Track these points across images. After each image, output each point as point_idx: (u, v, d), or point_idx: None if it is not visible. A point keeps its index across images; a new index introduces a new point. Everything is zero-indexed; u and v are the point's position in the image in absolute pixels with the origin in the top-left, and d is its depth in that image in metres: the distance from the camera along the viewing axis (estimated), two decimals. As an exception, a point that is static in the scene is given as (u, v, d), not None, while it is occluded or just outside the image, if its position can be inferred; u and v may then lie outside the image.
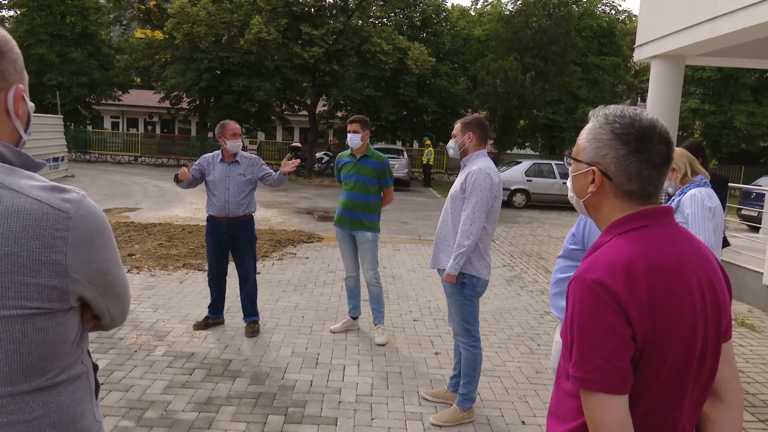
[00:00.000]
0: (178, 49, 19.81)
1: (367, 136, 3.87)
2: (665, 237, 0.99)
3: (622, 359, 0.92)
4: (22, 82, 0.87)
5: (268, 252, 6.62)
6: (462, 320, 2.83)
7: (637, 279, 0.93)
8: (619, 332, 0.91)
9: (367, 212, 3.88)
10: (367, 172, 3.86)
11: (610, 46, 22.79)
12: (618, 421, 0.91)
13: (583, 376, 0.93)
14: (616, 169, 1.01)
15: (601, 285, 0.93)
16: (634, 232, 0.99)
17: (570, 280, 1.00)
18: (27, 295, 0.77)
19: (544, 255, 7.67)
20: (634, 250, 0.96)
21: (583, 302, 0.94)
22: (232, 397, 3.00)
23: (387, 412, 2.93)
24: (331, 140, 27.63)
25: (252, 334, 3.93)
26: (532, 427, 2.86)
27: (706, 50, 5.90)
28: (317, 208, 11.25)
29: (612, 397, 0.92)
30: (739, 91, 20.46)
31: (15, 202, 0.77)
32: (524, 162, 14.39)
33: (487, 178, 2.71)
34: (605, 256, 0.97)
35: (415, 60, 16.27)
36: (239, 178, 3.81)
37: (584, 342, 0.93)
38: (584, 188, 1.07)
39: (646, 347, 0.93)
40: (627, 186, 1.01)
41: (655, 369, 0.94)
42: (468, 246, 2.69)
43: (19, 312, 0.77)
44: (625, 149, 1.00)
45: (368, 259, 3.93)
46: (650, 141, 1.00)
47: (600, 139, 1.03)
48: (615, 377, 0.91)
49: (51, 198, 0.80)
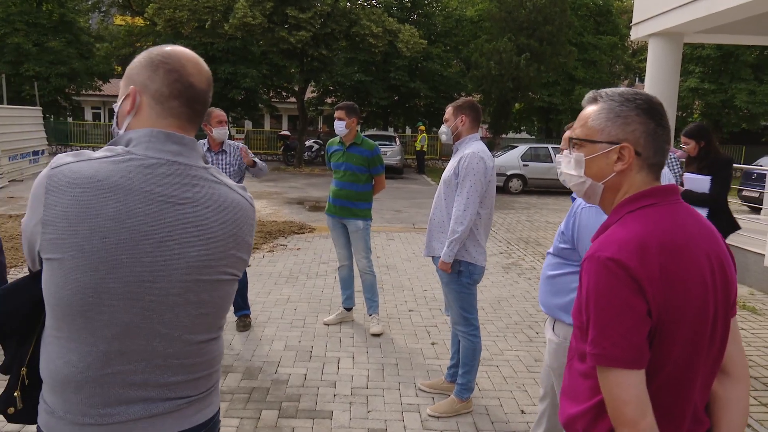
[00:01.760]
0: (160, 35, 19.31)
1: (354, 123, 3.76)
2: (673, 214, 1.01)
3: (639, 334, 0.93)
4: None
5: (258, 244, 6.51)
6: (460, 309, 2.77)
7: (650, 256, 0.94)
8: (635, 308, 0.93)
9: (357, 201, 3.81)
10: (356, 160, 3.77)
11: (607, 24, 22.49)
12: (636, 396, 0.92)
13: (600, 352, 0.94)
14: (646, 143, 1.03)
15: (615, 262, 0.94)
16: (643, 210, 1.01)
17: (582, 261, 1.01)
18: (235, 265, 1.05)
19: (542, 241, 7.61)
20: (645, 227, 0.97)
21: (599, 280, 0.95)
22: (224, 393, 2.93)
23: (383, 405, 2.87)
24: (320, 128, 27.34)
25: (243, 328, 3.85)
26: (531, 415, 2.81)
27: (704, 27, 5.78)
28: (308, 198, 11.11)
29: (630, 372, 0.93)
30: (739, 69, 20.26)
31: (234, 196, 1.04)
32: (520, 146, 14.26)
33: (480, 162, 2.63)
34: (617, 235, 0.98)
35: (406, 43, 16.02)
36: (227, 169, 3.70)
37: (601, 319, 0.94)
38: (605, 169, 1.06)
39: (660, 324, 0.95)
40: (653, 159, 1.04)
41: (669, 345, 0.96)
42: (462, 232, 2.62)
43: (229, 277, 1.04)
44: (653, 123, 1.03)
45: (361, 248, 3.87)
46: (664, 116, 1.04)
47: (625, 115, 1.03)
48: (632, 352, 0.93)
49: (245, 195, 1.08)
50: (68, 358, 0.93)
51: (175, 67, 0.99)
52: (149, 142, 0.97)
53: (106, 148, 0.98)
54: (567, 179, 1.13)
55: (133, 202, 0.92)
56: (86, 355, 0.93)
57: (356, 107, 3.84)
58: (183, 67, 1.00)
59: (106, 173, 0.92)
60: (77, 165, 0.92)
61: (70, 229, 0.90)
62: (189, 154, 1.00)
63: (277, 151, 21.04)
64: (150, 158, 0.96)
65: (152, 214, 0.93)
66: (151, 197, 0.93)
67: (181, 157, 0.99)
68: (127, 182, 0.92)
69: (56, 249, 0.90)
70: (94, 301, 0.91)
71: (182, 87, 0.99)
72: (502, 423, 2.75)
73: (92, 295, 0.91)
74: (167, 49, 1.02)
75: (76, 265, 0.90)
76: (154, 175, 0.95)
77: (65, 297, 0.91)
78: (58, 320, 0.93)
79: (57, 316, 0.93)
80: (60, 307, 0.92)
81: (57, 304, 0.92)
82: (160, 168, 0.96)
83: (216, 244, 0.99)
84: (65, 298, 0.91)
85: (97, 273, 0.90)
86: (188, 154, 1.00)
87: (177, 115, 1.01)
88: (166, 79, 0.99)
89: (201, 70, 1.03)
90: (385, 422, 2.70)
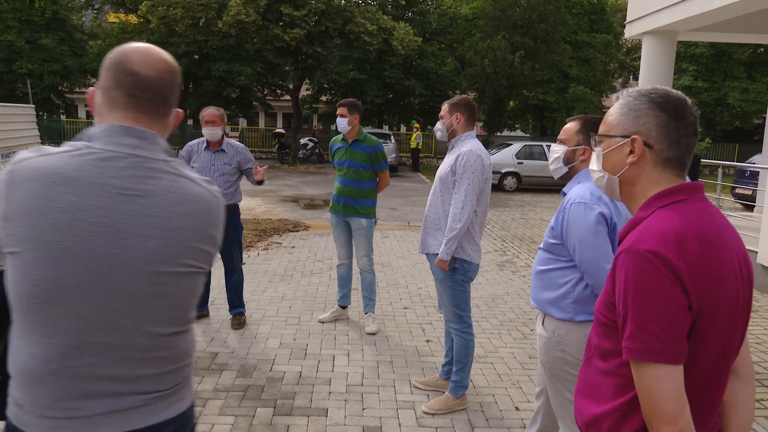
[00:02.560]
0: (153, 33, 19.16)
1: (356, 120, 3.75)
2: (703, 210, 1.00)
3: (680, 328, 0.91)
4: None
5: (252, 242, 6.48)
6: (453, 306, 2.77)
7: (689, 249, 0.93)
8: (676, 301, 0.91)
9: (360, 198, 3.80)
10: (359, 157, 3.76)
11: (601, 23, 22.55)
12: (676, 391, 0.91)
13: (640, 347, 0.92)
14: (658, 135, 1.03)
15: (655, 254, 0.92)
16: (675, 205, 1.00)
17: (617, 254, 0.99)
18: (200, 258, 1.02)
19: (536, 239, 7.63)
20: (680, 220, 0.96)
21: (638, 273, 0.93)
22: (219, 391, 2.92)
23: (378, 402, 2.87)
24: (315, 126, 27.23)
25: (238, 326, 3.83)
26: (526, 412, 2.82)
27: (698, 25, 5.81)
28: (303, 196, 11.08)
29: (670, 367, 0.91)
30: (732, 67, 20.37)
31: (196, 189, 1.02)
32: (515, 144, 14.27)
33: (478, 159, 2.63)
34: (653, 227, 0.96)
35: (400, 40, 15.99)
36: (224, 168, 3.71)
37: (641, 313, 0.92)
38: (620, 163, 1.07)
39: (698, 318, 0.93)
40: (668, 153, 1.03)
41: (704, 340, 0.94)
42: (459, 230, 2.62)
43: (194, 270, 1.02)
44: (665, 116, 1.02)
45: (362, 246, 3.87)
46: (685, 110, 1.02)
47: (638, 109, 1.04)
48: (674, 346, 0.91)
49: (211, 189, 1.06)
50: (32, 352, 0.93)
51: (118, 59, 0.99)
52: (109, 136, 0.97)
53: (67, 143, 0.98)
54: (592, 174, 1.15)
55: (89, 194, 0.92)
56: (48, 348, 0.93)
57: (358, 104, 3.82)
58: (126, 57, 0.99)
59: (63, 167, 0.92)
60: (36, 160, 0.93)
61: (28, 223, 0.90)
62: (149, 147, 0.99)
63: (272, 149, 20.98)
64: (108, 151, 0.95)
65: (109, 207, 0.93)
66: (107, 189, 0.93)
67: (140, 150, 0.98)
68: (84, 175, 0.92)
69: (15, 243, 0.91)
70: (52, 294, 0.91)
71: (123, 76, 0.98)
72: (496, 420, 2.75)
73: (49, 288, 0.91)
74: (121, 46, 1.02)
75: (32, 258, 0.90)
76: (112, 167, 0.94)
77: (24, 291, 0.92)
78: (20, 314, 0.94)
79: (19, 310, 0.94)
80: (21, 301, 0.93)
81: (18, 298, 0.93)
82: (118, 161, 0.95)
83: (176, 236, 0.98)
84: (24, 292, 0.92)
85: (53, 266, 0.90)
86: (148, 147, 0.99)
87: (124, 106, 0.99)
88: (110, 72, 0.99)
89: (149, 59, 1.00)
90: (380, 419, 2.70)
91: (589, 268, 1.77)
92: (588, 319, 1.82)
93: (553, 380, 1.93)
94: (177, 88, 1.06)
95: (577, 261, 1.80)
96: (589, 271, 1.78)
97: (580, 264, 1.79)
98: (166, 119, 1.05)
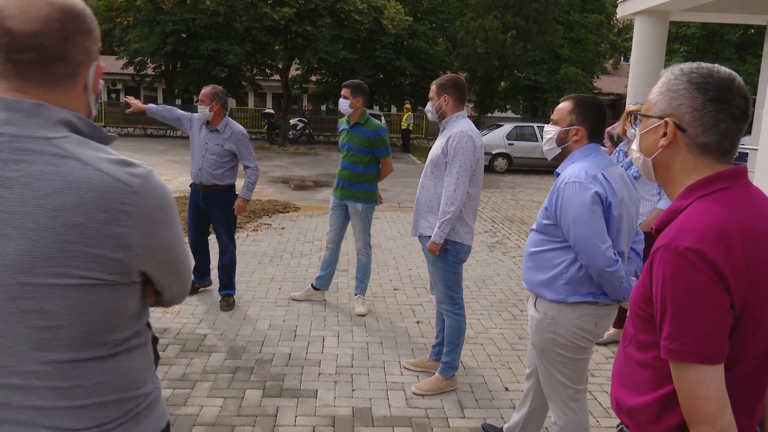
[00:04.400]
0: (140, 11, 18.62)
1: (359, 102, 3.65)
2: (747, 199, 0.95)
3: (722, 329, 0.88)
4: (98, 59, 0.91)
5: (242, 223, 6.42)
6: (445, 288, 2.76)
7: (732, 245, 0.88)
8: (718, 301, 0.87)
9: (358, 182, 3.75)
10: (358, 140, 3.70)
11: (593, 2, 22.37)
12: (717, 392, 0.88)
13: (679, 348, 0.89)
14: (692, 119, 0.96)
15: (696, 252, 0.88)
16: (716, 195, 0.94)
17: (655, 249, 0.94)
18: (90, 265, 0.80)
19: (527, 220, 7.65)
20: (723, 214, 0.91)
21: (677, 271, 0.89)
22: (208, 373, 2.90)
23: (368, 383, 2.87)
24: (305, 106, 26.85)
25: (227, 307, 3.81)
26: (516, 393, 2.84)
27: (690, 5, 5.75)
28: (292, 177, 10.96)
29: (710, 368, 0.88)
30: (723, 48, 20.39)
31: (85, 173, 0.79)
32: (505, 125, 14.21)
33: (469, 140, 2.59)
34: (694, 221, 0.91)
35: (391, 19, 15.72)
36: (216, 148, 3.68)
37: (680, 313, 0.89)
38: (653, 145, 1.02)
39: (741, 315, 0.89)
40: (703, 138, 0.97)
41: (748, 339, 0.91)
42: (453, 212, 2.59)
43: (82, 281, 0.80)
44: (702, 98, 0.96)
45: (358, 229, 3.85)
46: (729, 92, 0.95)
47: (675, 89, 0.99)
48: (714, 348, 0.88)
49: (118, 171, 0.82)
50: None
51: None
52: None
53: None
54: (632, 154, 1.10)
55: None
56: None
57: (364, 86, 3.70)
58: (0, 11, 0.78)
59: None
60: None
61: None
62: (22, 123, 0.79)
63: (262, 130, 20.67)
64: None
65: None
66: None
67: (10, 126, 0.79)
68: None
69: None
70: None
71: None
72: (486, 401, 2.77)
73: None
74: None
75: None
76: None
77: None
78: None
79: None
80: None
81: None
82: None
83: (42, 238, 0.77)
84: None
85: None
86: (21, 123, 0.79)
87: (4, 74, 0.80)
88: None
89: (26, 8, 0.78)
90: (369, 400, 2.70)
91: (583, 248, 1.75)
92: (580, 301, 1.81)
93: (544, 362, 1.93)
94: (81, 36, 0.84)
95: (572, 241, 1.78)
96: (583, 251, 1.76)
97: (574, 244, 1.77)
98: (69, 82, 0.84)
